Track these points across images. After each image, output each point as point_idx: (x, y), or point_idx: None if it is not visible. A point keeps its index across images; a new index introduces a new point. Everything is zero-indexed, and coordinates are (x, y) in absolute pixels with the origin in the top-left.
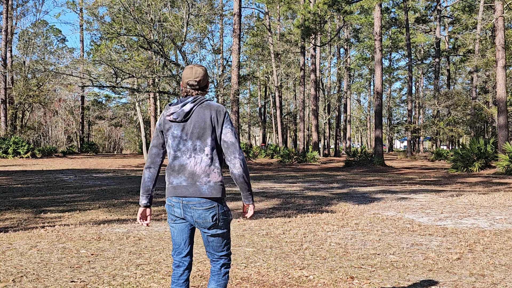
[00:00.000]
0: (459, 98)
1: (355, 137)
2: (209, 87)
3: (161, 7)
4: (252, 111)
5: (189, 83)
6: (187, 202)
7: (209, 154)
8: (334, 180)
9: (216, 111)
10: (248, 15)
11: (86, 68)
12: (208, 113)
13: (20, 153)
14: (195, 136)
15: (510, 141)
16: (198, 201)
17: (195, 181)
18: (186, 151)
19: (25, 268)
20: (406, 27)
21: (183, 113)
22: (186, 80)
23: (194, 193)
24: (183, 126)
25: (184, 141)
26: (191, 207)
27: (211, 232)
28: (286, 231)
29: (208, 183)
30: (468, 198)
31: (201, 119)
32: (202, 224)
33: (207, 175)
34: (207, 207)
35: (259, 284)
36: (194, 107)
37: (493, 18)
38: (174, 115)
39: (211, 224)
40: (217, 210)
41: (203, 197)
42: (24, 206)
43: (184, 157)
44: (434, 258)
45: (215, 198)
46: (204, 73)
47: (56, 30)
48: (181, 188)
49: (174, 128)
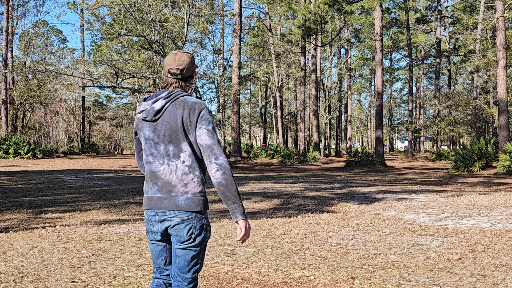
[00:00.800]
0: (459, 98)
1: (355, 137)
2: (194, 79)
3: (162, 8)
4: (252, 111)
5: (170, 71)
6: (162, 214)
7: (186, 161)
8: (335, 180)
9: (189, 110)
10: (249, 15)
11: (87, 69)
12: (180, 113)
13: (21, 154)
14: (167, 140)
15: (511, 141)
16: (173, 212)
17: (171, 192)
18: (158, 156)
19: (26, 268)
20: (406, 27)
21: (153, 112)
22: (167, 68)
23: (169, 206)
24: (154, 127)
25: (156, 144)
26: (165, 218)
27: (182, 246)
28: (287, 231)
29: (185, 194)
30: (469, 198)
31: (173, 120)
32: (176, 237)
33: (184, 185)
34: (184, 218)
35: (260, 284)
36: (166, 105)
37: (493, 18)
38: (143, 113)
39: (185, 239)
40: (194, 222)
41: (180, 210)
42: (25, 206)
43: (157, 163)
44: (435, 258)
45: (193, 211)
46: (189, 61)
47: (57, 30)
48: (156, 200)
49: (146, 128)
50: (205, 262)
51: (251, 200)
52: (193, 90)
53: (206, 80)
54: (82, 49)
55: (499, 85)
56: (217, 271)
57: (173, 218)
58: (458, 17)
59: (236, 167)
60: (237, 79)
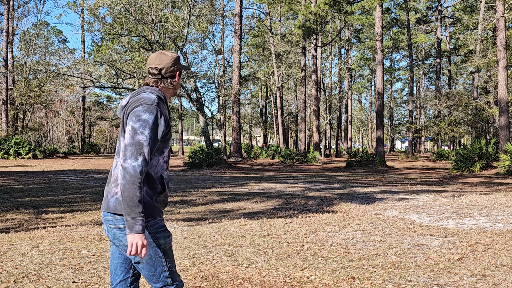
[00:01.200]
0: (460, 99)
1: (356, 138)
2: (179, 81)
3: (162, 8)
4: (253, 111)
5: (149, 70)
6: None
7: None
8: (335, 180)
9: (129, 105)
10: (249, 15)
11: (87, 69)
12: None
13: (22, 154)
14: (121, 135)
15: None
16: (104, 214)
17: (108, 191)
18: (117, 152)
19: (26, 268)
20: (407, 27)
21: (120, 107)
22: (148, 67)
23: (103, 207)
24: (122, 122)
25: (119, 140)
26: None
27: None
28: (287, 232)
29: (115, 195)
30: (470, 198)
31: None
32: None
33: (116, 185)
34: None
35: (260, 284)
36: (130, 100)
37: (494, 18)
38: (118, 109)
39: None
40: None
41: (108, 211)
42: (25, 206)
43: (115, 161)
44: (435, 258)
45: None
46: (169, 61)
47: (57, 31)
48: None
49: None
50: (206, 262)
51: (251, 201)
52: (193, 90)
53: (207, 81)
54: (83, 49)
55: (500, 85)
56: (217, 271)
57: (105, 220)
58: (458, 17)
59: (237, 167)
60: (238, 79)
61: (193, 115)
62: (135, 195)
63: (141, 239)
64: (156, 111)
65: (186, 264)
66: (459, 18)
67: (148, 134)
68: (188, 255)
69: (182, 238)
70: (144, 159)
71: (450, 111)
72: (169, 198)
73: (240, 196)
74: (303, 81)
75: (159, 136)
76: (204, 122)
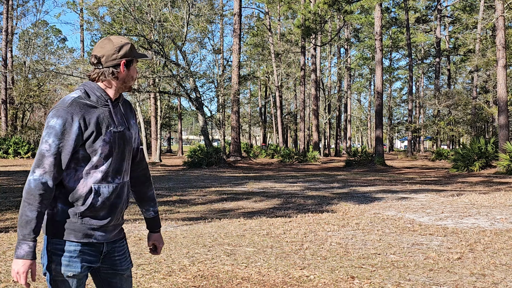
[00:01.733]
0: (459, 98)
1: (355, 137)
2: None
3: (162, 7)
4: (252, 111)
5: (90, 59)
6: None
7: None
8: (334, 180)
9: None
10: (249, 15)
11: (87, 68)
12: None
13: (21, 153)
14: None
15: (511, 141)
16: None
17: None
18: None
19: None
20: (406, 26)
21: None
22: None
23: None
24: None
25: None
26: None
27: None
28: (286, 231)
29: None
30: (469, 197)
31: None
32: None
33: None
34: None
35: (259, 284)
36: None
37: (493, 17)
38: None
39: None
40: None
41: None
42: None
43: None
44: (434, 257)
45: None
46: (112, 48)
47: (57, 30)
48: None
49: None
50: (205, 262)
51: (251, 200)
52: (192, 90)
53: (206, 80)
54: (82, 48)
55: (499, 84)
56: (217, 271)
57: None
58: (457, 17)
59: (236, 167)
60: (237, 78)
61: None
62: (24, 213)
63: (20, 266)
64: (66, 115)
65: (186, 264)
66: (459, 18)
67: (52, 143)
68: (187, 255)
69: (181, 238)
70: (44, 172)
71: (450, 111)
72: (168, 198)
73: (240, 196)
74: (302, 80)
75: (71, 144)
76: (203, 121)
